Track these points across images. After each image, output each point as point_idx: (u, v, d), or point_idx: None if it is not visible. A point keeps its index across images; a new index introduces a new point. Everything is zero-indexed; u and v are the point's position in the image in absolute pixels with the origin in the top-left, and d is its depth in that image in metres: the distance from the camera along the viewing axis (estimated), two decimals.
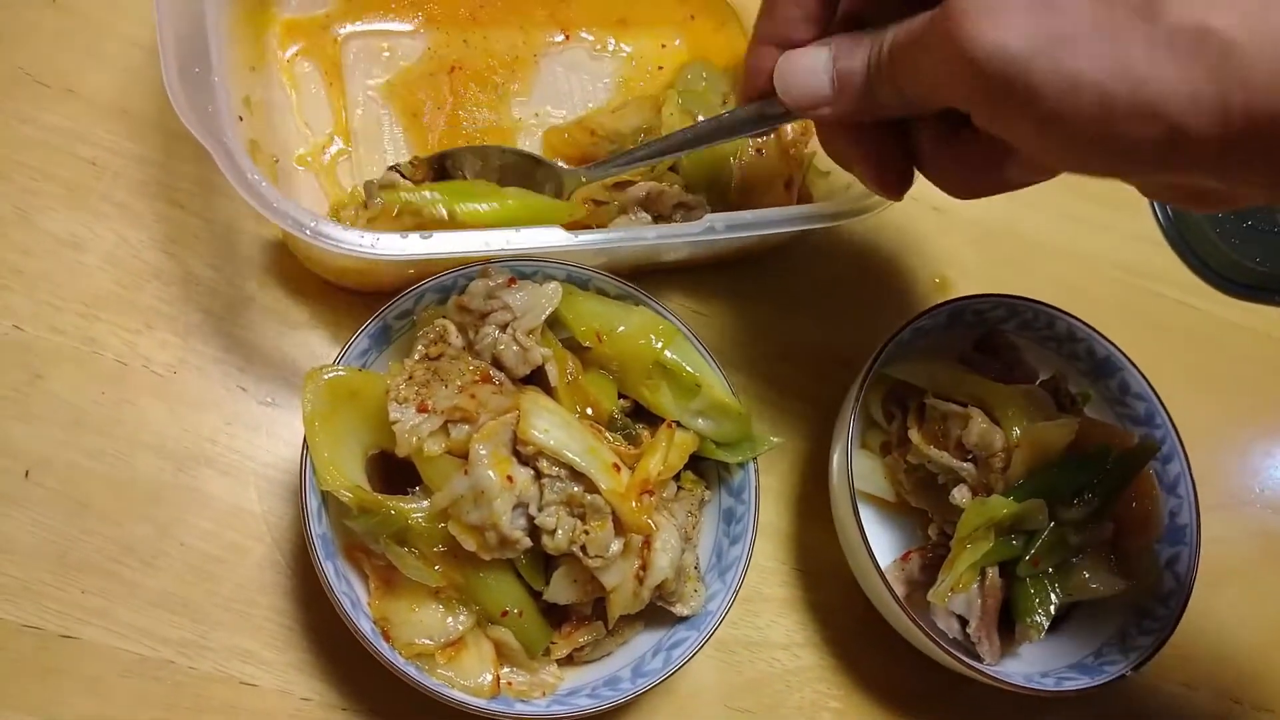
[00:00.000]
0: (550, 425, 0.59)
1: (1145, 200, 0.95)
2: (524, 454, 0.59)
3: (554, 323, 0.65)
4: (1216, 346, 0.91)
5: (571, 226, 0.66)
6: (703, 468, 0.70)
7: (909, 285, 0.86)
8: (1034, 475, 0.67)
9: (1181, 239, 0.93)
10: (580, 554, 0.58)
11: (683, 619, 0.65)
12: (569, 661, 0.65)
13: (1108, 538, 0.70)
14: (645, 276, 0.77)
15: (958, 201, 0.88)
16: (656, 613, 0.65)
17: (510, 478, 0.58)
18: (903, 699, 0.74)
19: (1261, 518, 0.87)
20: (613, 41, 0.81)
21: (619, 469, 0.60)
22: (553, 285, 0.63)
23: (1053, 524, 0.68)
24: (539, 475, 0.59)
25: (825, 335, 0.82)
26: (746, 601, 0.74)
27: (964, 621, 0.70)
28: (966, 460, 0.69)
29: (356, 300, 0.72)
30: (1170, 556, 0.74)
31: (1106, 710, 0.78)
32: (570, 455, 0.59)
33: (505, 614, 0.61)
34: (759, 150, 0.78)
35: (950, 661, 0.68)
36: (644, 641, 0.66)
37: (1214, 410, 0.89)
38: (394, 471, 0.63)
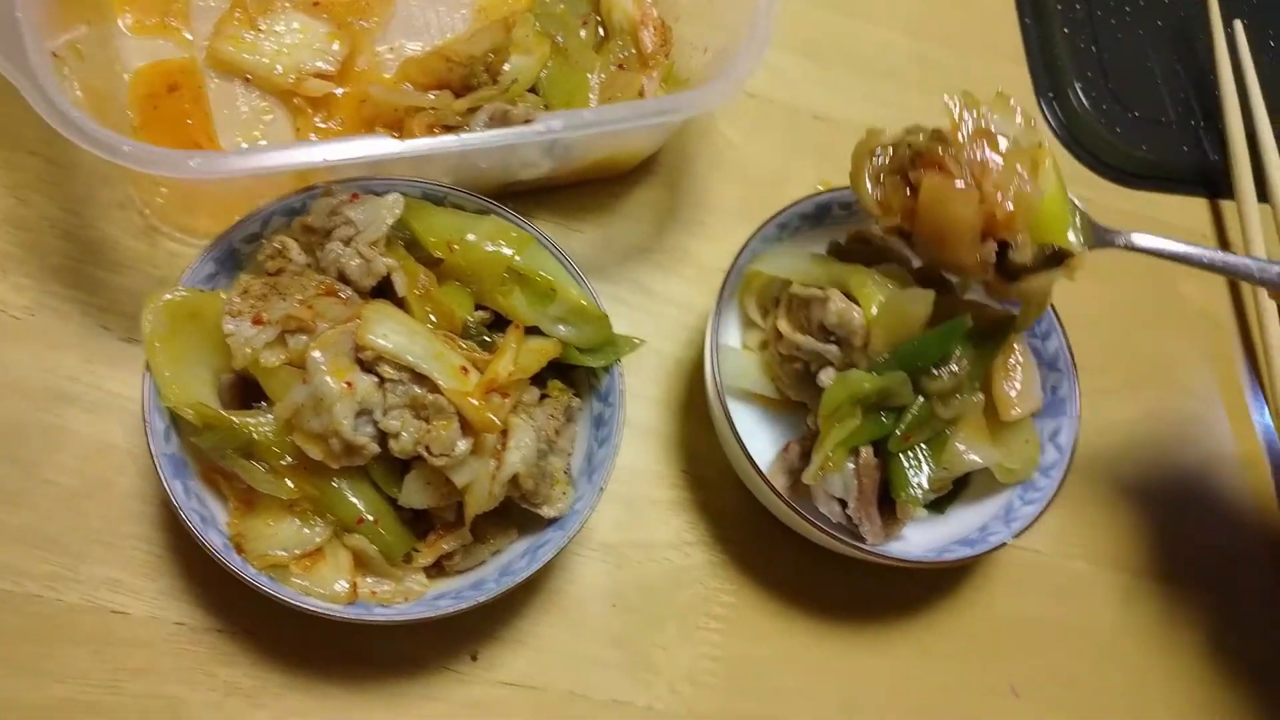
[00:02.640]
0: (390, 330, 0.60)
1: (1033, 100, 0.95)
2: (365, 360, 0.60)
3: (412, 243, 0.66)
4: None
5: None
6: (574, 377, 0.70)
7: (794, 193, 0.86)
8: (896, 350, 0.67)
9: (1070, 134, 0.93)
10: (426, 454, 0.59)
11: (552, 522, 0.66)
12: (440, 572, 0.65)
13: (981, 409, 0.70)
14: (516, 198, 0.77)
15: (838, 109, 0.89)
16: (530, 521, 0.66)
17: (350, 383, 0.58)
18: (795, 586, 0.75)
19: (1155, 397, 0.87)
20: None
21: (467, 372, 0.61)
22: (393, 196, 0.64)
23: (921, 399, 0.68)
24: (383, 381, 0.60)
25: (707, 244, 0.82)
26: (634, 506, 0.75)
27: (844, 504, 0.71)
28: (830, 342, 0.69)
29: None
30: (1053, 429, 0.74)
31: (1004, 589, 0.78)
32: (411, 358, 0.59)
33: (360, 522, 0.61)
34: (620, 65, 0.78)
35: (831, 543, 0.68)
36: (516, 549, 0.66)
37: (1108, 298, 0.89)
38: (256, 396, 0.63)
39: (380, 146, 0.63)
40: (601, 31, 0.81)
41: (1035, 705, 0.76)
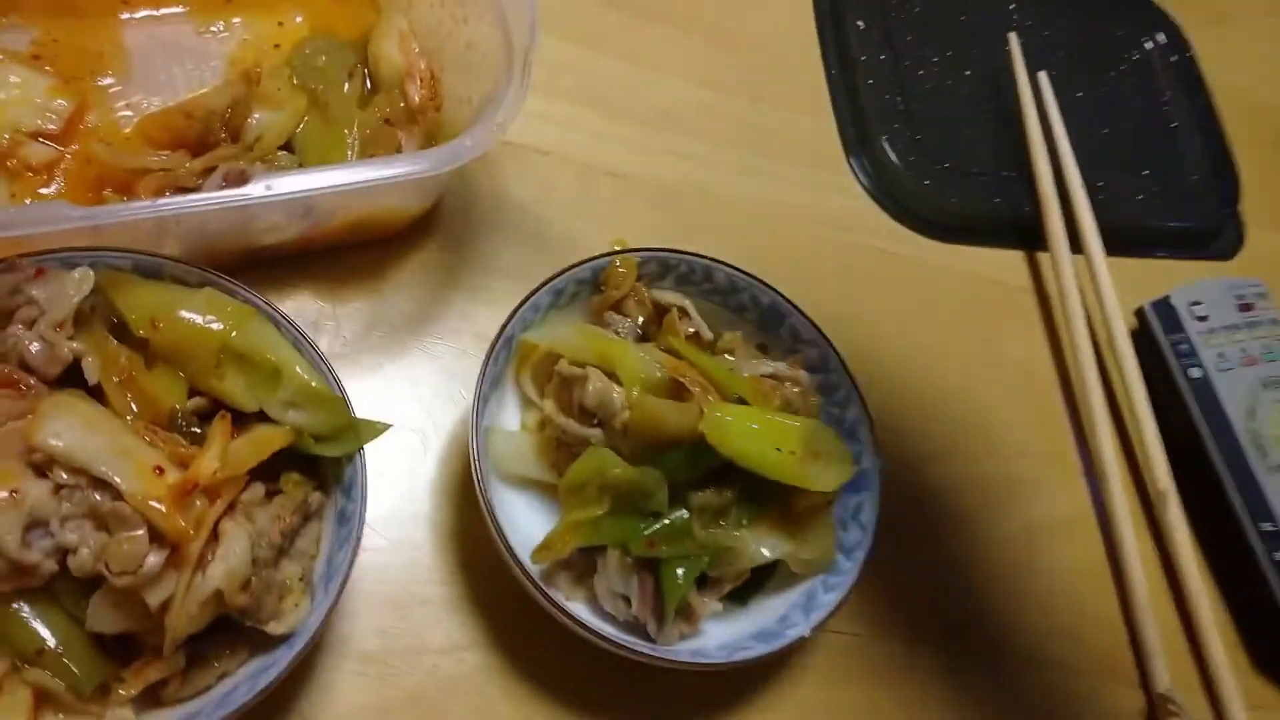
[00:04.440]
0: (66, 427, 0.52)
1: (841, 154, 0.92)
2: (38, 464, 0.51)
3: (122, 324, 0.58)
4: (919, 289, 0.88)
5: None
6: (322, 470, 0.62)
7: (586, 254, 0.81)
8: (655, 447, 0.62)
9: (880, 188, 0.91)
10: (106, 571, 0.50)
11: (283, 639, 0.57)
12: (157, 703, 0.56)
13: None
14: (271, 267, 0.71)
15: (634, 165, 0.85)
16: (263, 638, 0.57)
17: (16, 491, 0.50)
18: (583, 692, 0.67)
19: (975, 464, 0.83)
20: (220, 23, 0.75)
21: (163, 472, 0.53)
22: (80, 270, 0.56)
23: (682, 513, 0.63)
24: (59, 488, 0.51)
25: (491, 313, 0.76)
26: (402, 608, 0.67)
27: (629, 601, 0.64)
28: (593, 425, 0.63)
29: None
30: (855, 506, 0.69)
31: (821, 679, 0.72)
32: (84, 458, 0.51)
33: (41, 652, 0.52)
34: (387, 120, 0.72)
35: (607, 646, 0.62)
36: (246, 673, 0.58)
37: (925, 356, 0.85)
38: None
39: (70, 214, 0.55)
40: (370, 84, 0.76)
41: None
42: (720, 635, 0.67)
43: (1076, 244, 0.90)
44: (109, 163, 0.67)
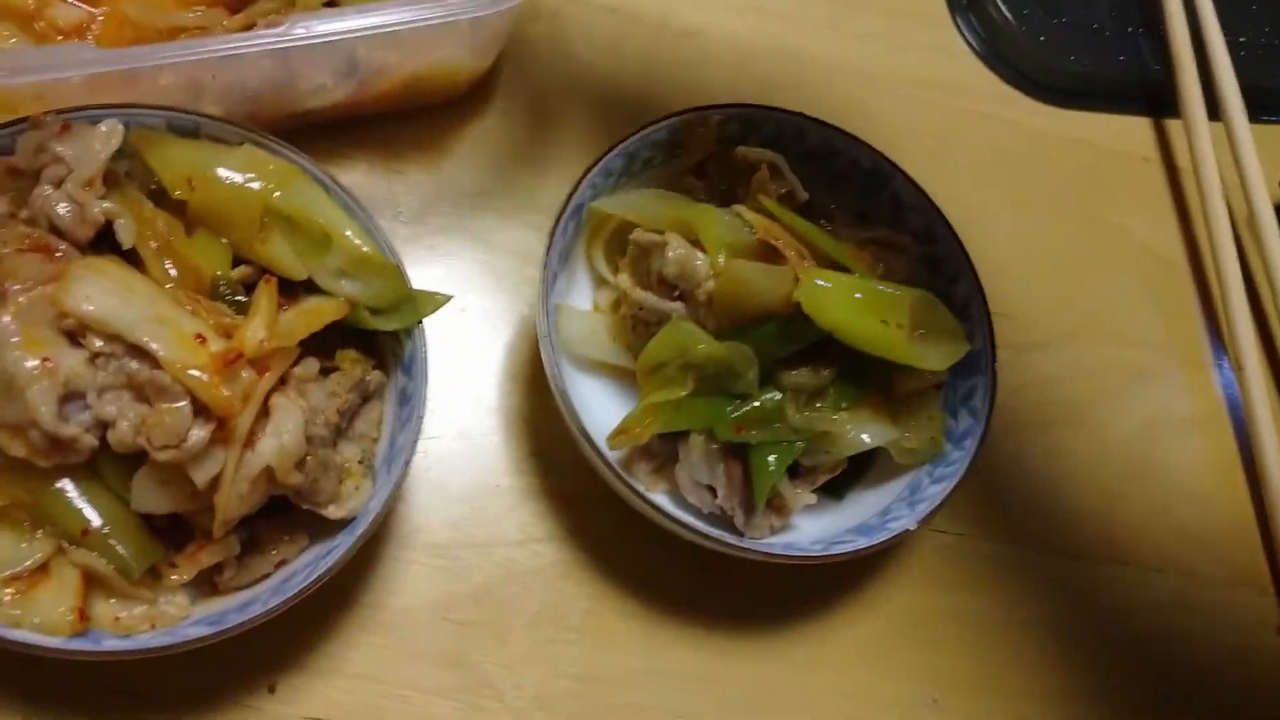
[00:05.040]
0: (99, 290, 0.47)
1: (944, 9, 0.83)
2: (71, 330, 0.47)
3: (160, 189, 0.54)
4: (1031, 159, 0.79)
5: None
6: (380, 345, 0.58)
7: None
8: (744, 321, 0.56)
9: (991, 48, 0.81)
10: (147, 445, 0.46)
11: (344, 524, 0.53)
12: (213, 590, 0.53)
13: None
14: (323, 133, 0.65)
15: (711, 22, 0.76)
16: (323, 524, 0.54)
17: (49, 360, 0.46)
18: (664, 587, 0.63)
19: (1091, 351, 0.75)
20: None
21: (205, 341, 0.48)
22: (108, 124, 0.51)
23: (774, 394, 0.56)
24: (95, 357, 0.47)
25: (556, 184, 0.70)
26: (472, 497, 0.63)
27: (715, 492, 0.59)
28: (674, 298, 0.57)
29: None
30: (966, 391, 0.62)
31: (917, 580, 0.66)
32: (119, 325, 0.46)
33: (86, 532, 0.49)
34: None
35: (696, 539, 0.56)
36: (305, 561, 0.54)
37: (1037, 235, 0.77)
38: None
39: (73, 55, 0.50)
40: None
41: (957, 717, 0.64)
42: (813, 530, 0.61)
43: (1214, 109, 0.79)
44: (141, 22, 0.61)
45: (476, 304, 0.67)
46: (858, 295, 0.55)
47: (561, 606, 0.62)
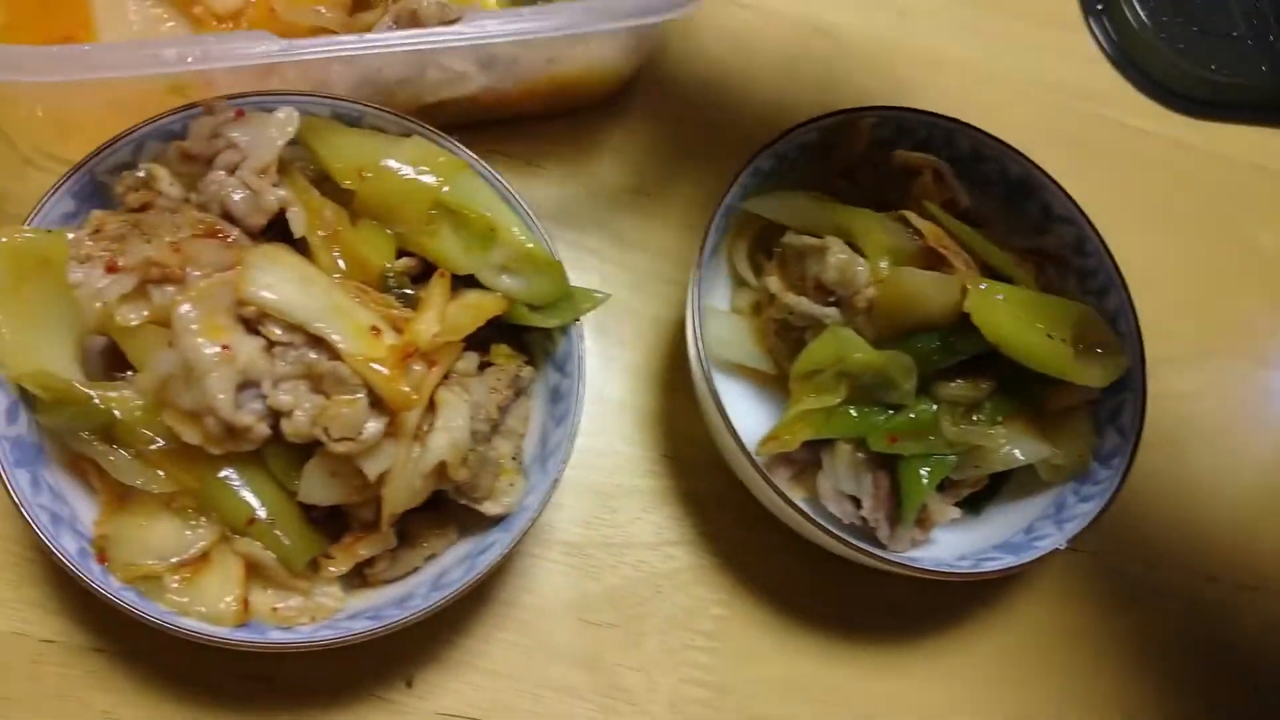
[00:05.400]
0: (278, 279, 0.47)
1: (1078, 12, 0.81)
2: (249, 319, 0.47)
3: (322, 176, 0.53)
4: (1167, 172, 0.77)
5: None
6: (529, 342, 0.57)
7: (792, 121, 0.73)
8: (902, 330, 0.55)
9: (1125, 54, 0.79)
10: (324, 437, 0.46)
11: (497, 521, 0.53)
12: (363, 584, 0.53)
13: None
14: (463, 131, 0.64)
15: (847, 21, 0.75)
16: (472, 517, 0.53)
17: (228, 347, 0.46)
18: (799, 595, 0.62)
19: (1228, 368, 0.73)
20: None
21: (379, 333, 0.48)
22: (285, 111, 0.51)
23: (928, 405, 0.55)
24: (272, 345, 0.47)
25: (691, 185, 0.69)
26: (606, 497, 0.62)
27: (859, 503, 0.58)
28: (829, 304, 0.56)
29: None
30: (1112, 408, 0.60)
31: (1049, 597, 0.65)
32: (301, 315, 0.46)
33: (252, 522, 0.49)
34: None
35: (840, 548, 0.55)
36: (455, 554, 0.54)
37: (1170, 248, 0.75)
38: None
39: (253, 45, 0.50)
40: None
41: None
42: (952, 543, 0.60)
43: None
44: (284, 15, 0.61)
45: (612, 301, 0.66)
46: (1026, 308, 0.54)
47: (694, 611, 0.61)
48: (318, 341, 0.47)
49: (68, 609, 0.54)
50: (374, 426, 0.47)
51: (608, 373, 0.65)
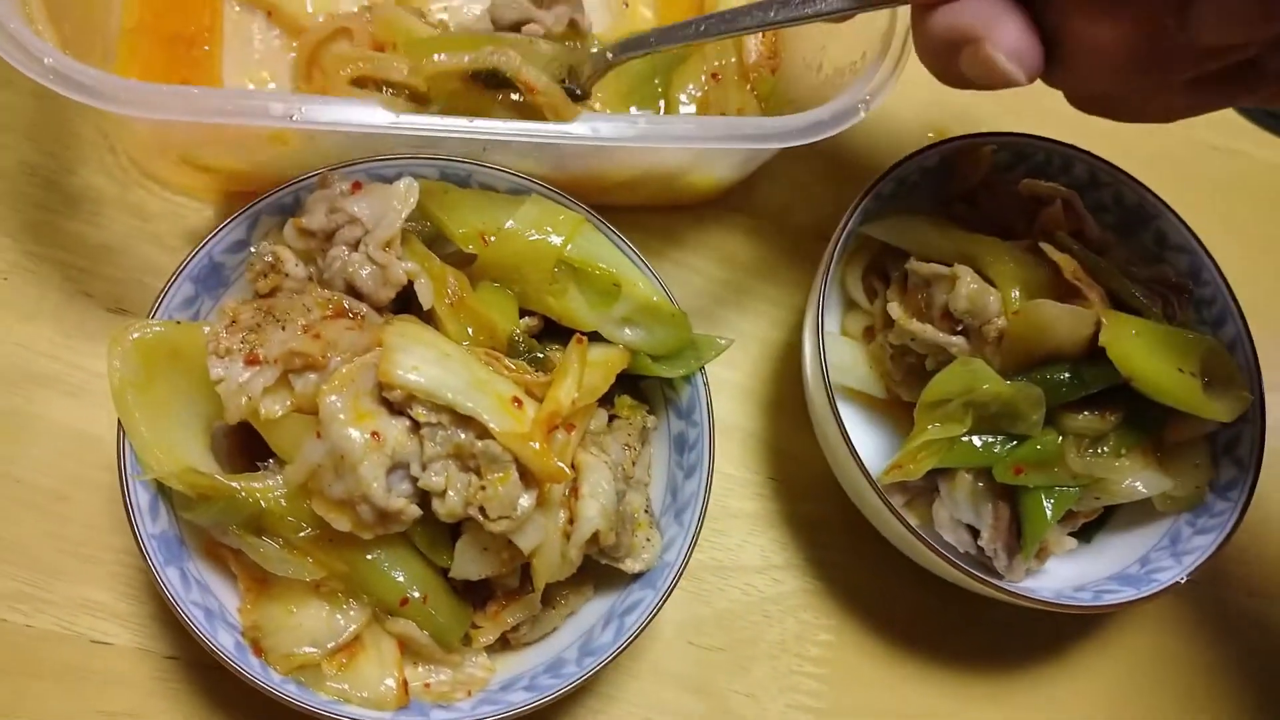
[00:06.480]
0: (420, 360, 0.46)
1: None
2: (393, 401, 0.46)
3: (434, 237, 0.52)
4: (1267, 196, 0.76)
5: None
6: (645, 387, 0.57)
7: (900, 144, 0.70)
8: (1031, 361, 0.54)
9: None
10: (481, 518, 0.46)
11: (636, 576, 0.53)
12: (504, 647, 0.53)
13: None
14: None
15: None
16: (606, 572, 0.53)
17: (376, 433, 0.45)
18: (908, 625, 0.63)
19: None
20: None
21: (521, 404, 0.47)
22: (405, 181, 0.49)
23: (1059, 436, 0.55)
24: (417, 426, 0.46)
25: (799, 205, 0.68)
26: (713, 520, 0.62)
27: (975, 532, 0.58)
28: (956, 333, 0.55)
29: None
30: (1228, 439, 0.60)
31: (1160, 630, 0.66)
32: (450, 395, 0.45)
33: (405, 602, 0.49)
34: (714, 75, 0.64)
35: (959, 577, 0.56)
36: (595, 610, 0.54)
37: (1271, 273, 0.73)
38: (261, 446, 0.49)
39: (367, 115, 0.49)
40: None
41: None
42: (1064, 573, 0.60)
43: None
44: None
45: (717, 322, 0.66)
46: (1158, 342, 0.53)
47: (802, 637, 0.62)
48: (465, 420, 0.46)
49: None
50: (526, 502, 0.46)
51: (714, 395, 0.65)
